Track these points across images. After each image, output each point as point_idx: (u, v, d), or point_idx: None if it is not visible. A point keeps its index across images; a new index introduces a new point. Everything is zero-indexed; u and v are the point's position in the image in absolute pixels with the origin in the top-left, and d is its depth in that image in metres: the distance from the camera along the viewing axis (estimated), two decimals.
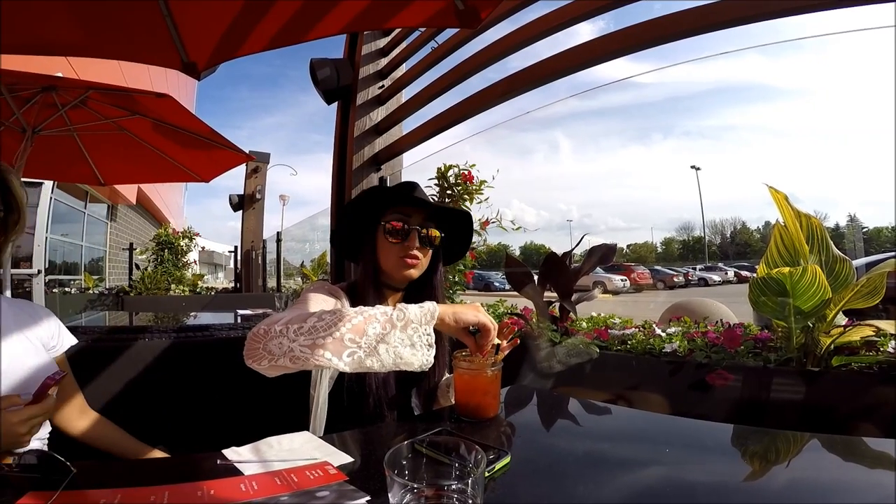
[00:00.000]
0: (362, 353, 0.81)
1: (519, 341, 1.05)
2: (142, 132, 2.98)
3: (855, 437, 0.88)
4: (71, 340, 1.15)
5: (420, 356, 0.85)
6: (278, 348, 0.81)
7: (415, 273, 1.16)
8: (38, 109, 2.63)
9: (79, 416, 1.12)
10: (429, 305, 0.89)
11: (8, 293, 2.86)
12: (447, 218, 1.23)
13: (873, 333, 1.52)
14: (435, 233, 1.17)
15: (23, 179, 2.77)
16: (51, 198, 8.64)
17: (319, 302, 1.07)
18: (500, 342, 0.99)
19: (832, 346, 1.54)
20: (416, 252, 1.13)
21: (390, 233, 1.13)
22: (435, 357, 1.12)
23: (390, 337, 0.83)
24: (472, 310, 0.95)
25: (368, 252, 1.17)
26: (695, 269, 28.16)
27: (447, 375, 1.27)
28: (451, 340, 1.32)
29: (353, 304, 1.12)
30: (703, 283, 24.37)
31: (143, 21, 1.47)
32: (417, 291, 1.21)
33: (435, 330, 0.89)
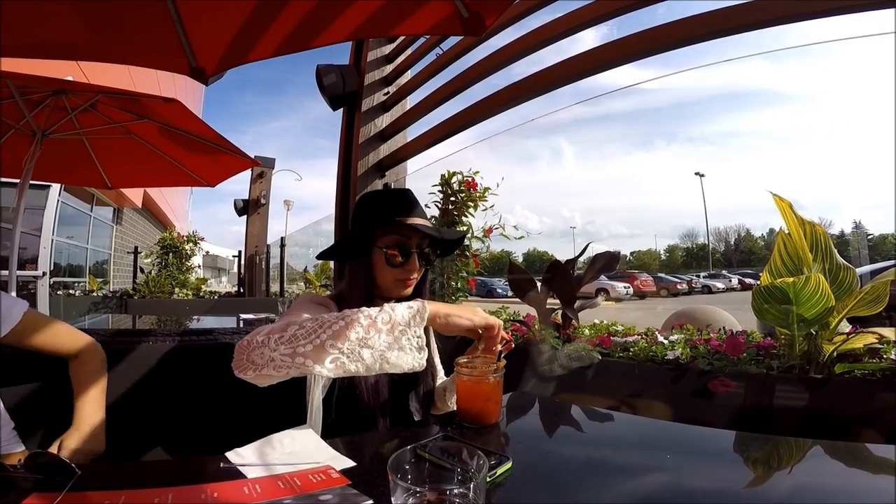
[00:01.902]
0: (345, 359, 0.80)
1: (513, 345, 1.05)
2: (149, 136, 3.01)
3: (858, 443, 0.88)
4: (22, 305, 1.14)
5: (409, 359, 0.84)
6: (260, 358, 0.80)
7: (409, 292, 1.13)
8: (49, 113, 2.66)
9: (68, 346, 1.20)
10: (417, 305, 0.87)
11: (13, 295, 2.87)
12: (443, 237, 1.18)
13: (876, 341, 1.52)
14: (430, 251, 1.14)
15: (31, 182, 2.81)
16: (58, 200, 8.72)
17: (311, 311, 1.03)
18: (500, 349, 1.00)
19: (835, 354, 1.54)
20: (415, 274, 1.11)
21: (391, 257, 1.09)
22: (431, 363, 1.12)
23: (374, 341, 0.82)
24: (467, 312, 0.93)
25: (363, 266, 1.13)
26: (698, 276, 28.07)
27: (444, 379, 1.26)
28: (444, 345, 1.32)
29: None
30: (707, 290, 24.27)
31: (153, 26, 1.49)
32: (406, 298, 1.17)
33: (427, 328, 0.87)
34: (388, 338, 0.83)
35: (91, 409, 1.16)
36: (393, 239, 1.10)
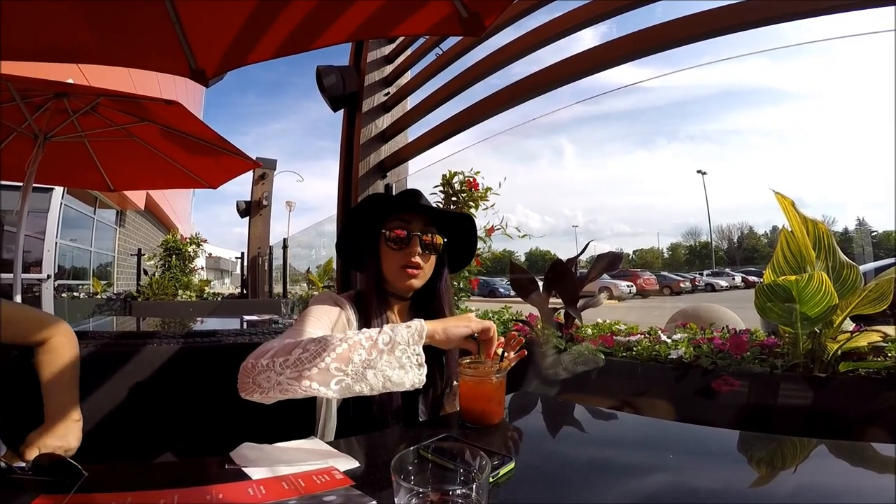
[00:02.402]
0: (350, 381, 0.82)
1: (526, 353, 1.05)
2: (151, 138, 3.02)
3: (862, 442, 0.88)
4: None
5: (410, 376, 0.86)
6: (267, 381, 0.82)
7: (417, 283, 1.15)
8: (50, 115, 2.67)
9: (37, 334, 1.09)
10: (416, 325, 0.89)
11: (18, 298, 2.89)
12: (450, 223, 1.23)
13: (880, 339, 1.51)
14: (438, 239, 1.16)
15: (34, 185, 2.82)
16: (61, 203, 8.74)
17: (325, 315, 1.07)
18: (505, 352, 1.00)
19: (839, 352, 1.53)
20: (417, 259, 1.12)
21: (391, 240, 1.13)
22: (442, 367, 1.13)
23: (377, 362, 0.84)
24: (463, 321, 0.95)
25: (372, 261, 1.17)
26: (702, 274, 28.05)
27: (456, 384, 1.27)
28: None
29: (359, 314, 1.13)
30: (710, 288, 24.24)
31: (153, 29, 1.49)
32: (424, 300, 1.21)
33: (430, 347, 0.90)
34: (389, 357, 0.85)
35: (64, 401, 1.09)
36: (394, 224, 1.14)
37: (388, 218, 1.16)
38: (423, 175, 3.63)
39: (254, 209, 8.72)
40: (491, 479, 0.67)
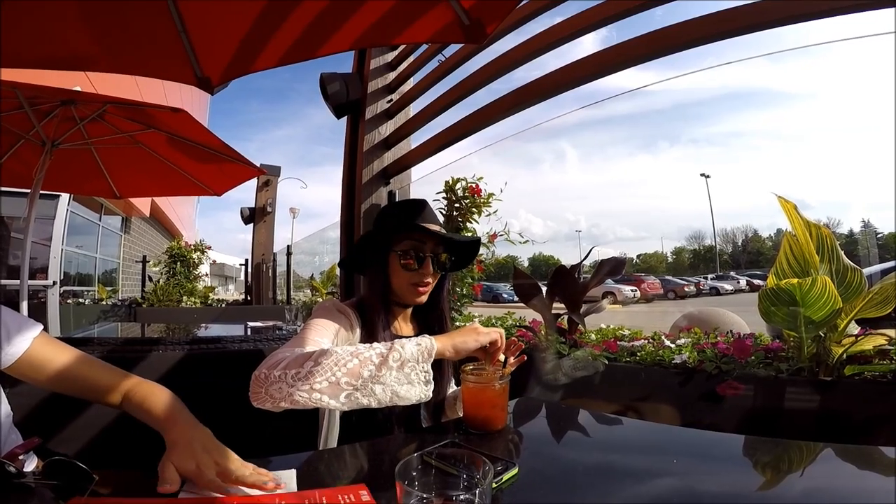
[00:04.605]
0: (359, 394, 0.85)
1: (526, 357, 1.06)
2: (156, 146, 3.04)
3: (869, 446, 0.87)
4: (29, 331, 0.89)
5: (417, 392, 0.88)
6: (278, 392, 0.85)
7: (425, 298, 1.18)
8: (58, 123, 2.69)
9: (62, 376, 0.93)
10: (426, 343, 0.91)
11: (24, 304, 2.90)
12: (458, 242, 1.24)
13: (886, 342, 1.50)
14: (445, 257, 1.19)
15: (41, 192, 2.85)
16: (67, 210, 8.80)
17: (329, 324, 1.09)
18: (507, 357, 1.01)
19: (844, 356, 1.52)
20: (430, 279, 1.15)
21: (406, 258, 1.14)
22: (439, 372, 1.14)
23: (386, 378, 0.86)
24: (471, 335, 0.96)
25: (379, 271, 1.18)
26: (706, 278, 27.95)
27: (454, 388, 1.27)
28: None
29: (363, 321, 1.15)
30: (715, 292, 24.14)
31: (159, 37, 1.51)
32: (426, 307, 1.23)
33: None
34: (398, 374, 0.87)
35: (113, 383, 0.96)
36: (408, 244, 1.15)
37: (399, 234, 1.16)
38: (426, 181, 3.64)
39: (258, 216, 8.76)
40: (494, 485, 0.67)
